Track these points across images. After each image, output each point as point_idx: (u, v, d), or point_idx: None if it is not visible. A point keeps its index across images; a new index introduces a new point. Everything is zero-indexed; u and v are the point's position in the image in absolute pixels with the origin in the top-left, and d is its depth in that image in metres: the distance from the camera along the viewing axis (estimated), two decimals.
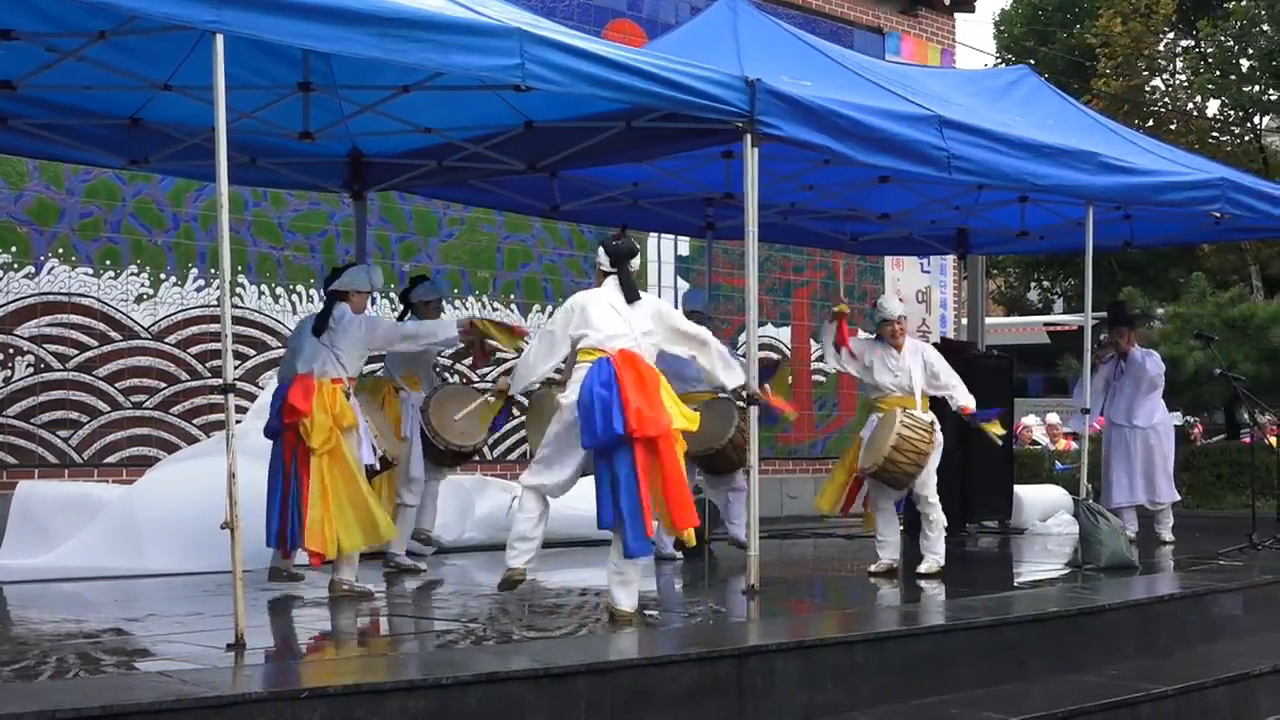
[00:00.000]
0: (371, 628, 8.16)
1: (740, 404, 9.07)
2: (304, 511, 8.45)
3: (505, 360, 11.58)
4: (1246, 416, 14.38)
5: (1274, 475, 14.40)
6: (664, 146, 9.69)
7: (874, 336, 10.31)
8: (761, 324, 15.77)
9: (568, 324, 7.87)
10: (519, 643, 7.23)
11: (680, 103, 8.18)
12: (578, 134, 9.69)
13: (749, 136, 8.47)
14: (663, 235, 15.38)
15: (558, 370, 8.06)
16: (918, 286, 18.35)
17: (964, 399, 10.12)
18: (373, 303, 10.65)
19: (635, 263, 8.01)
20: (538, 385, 8.40)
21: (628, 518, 7.45)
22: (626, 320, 7.76)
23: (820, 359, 14.92)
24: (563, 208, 11.72)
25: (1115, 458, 12.49)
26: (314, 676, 6.26)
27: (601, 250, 8.02)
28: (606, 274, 7.96)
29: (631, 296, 7.85)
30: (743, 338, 10.50)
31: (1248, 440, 14.09)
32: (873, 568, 10.33)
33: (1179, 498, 12.75)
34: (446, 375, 12.64)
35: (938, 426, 10.03)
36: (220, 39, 6.46)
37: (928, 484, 10.05)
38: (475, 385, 13.02)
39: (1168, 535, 12.50)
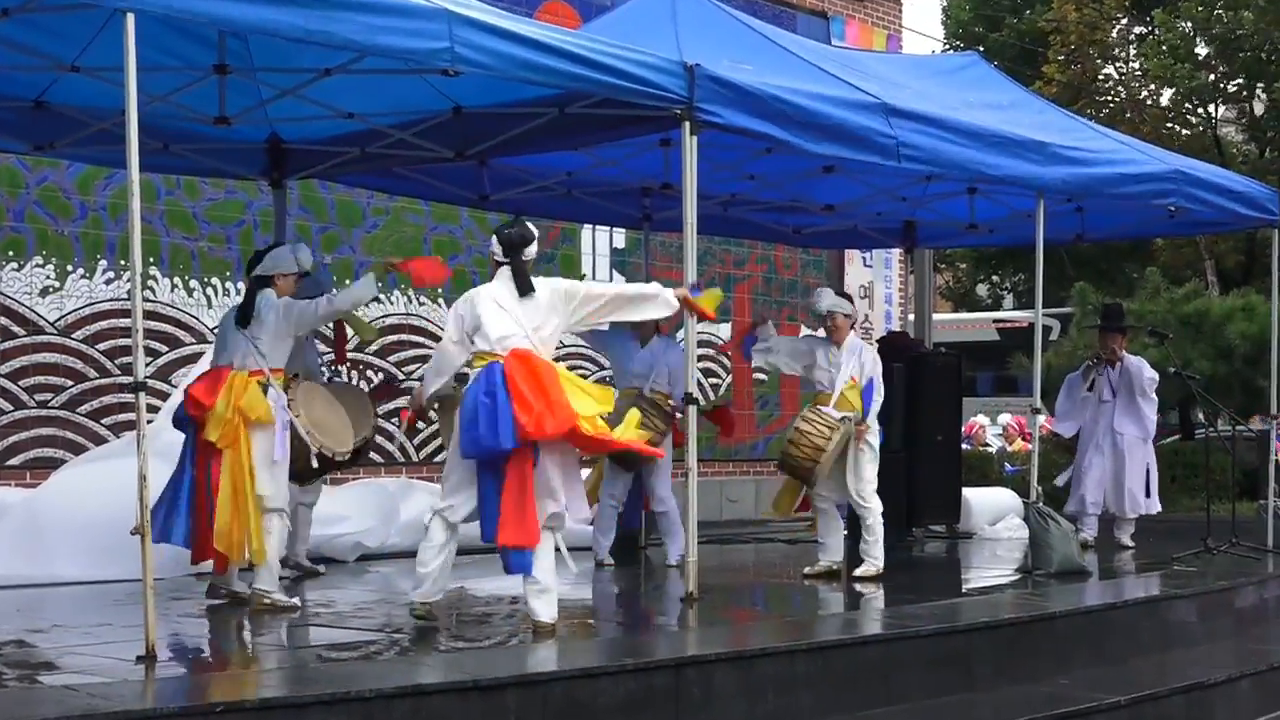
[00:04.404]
0: (291, 639, 8.12)
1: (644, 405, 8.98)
2: (210, 512, 8.41)
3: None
4: (1202, 417, 14.53)
5: (1229, 477, 14.56)
6: (599, 134, 9.67)
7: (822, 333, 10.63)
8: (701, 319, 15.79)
9: (460, 327, 7.85)
10: (446, 654, 7.22)
11: (615, 88, 8.18)
12: (508, 120, 9.66)
13: (687, 124, 8.47)
14: (597, 227, 15.37)
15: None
16: (860, 281, 18.43)
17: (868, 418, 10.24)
18: None
19: (531, 251, 7.90)
20: (448, 389, 8.32)
21: None
22: (515, 318, 7.70)
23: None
24: (493, 198, 11.70)
25: (1089, 465, 12.63)
26: (229, 690, 6.22)
27: (494, 239, 7.96)
28: (500, 264, 7.90)
29: (524, 289, 7.77)
30: (680, 334, 10.52)
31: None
32: (808, 569, 10.56)
33: (1159, 508, 12.90)
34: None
35: (844, 424, 10.14)
36: (131, 17, 6.41)
37: (863, 486, 10.21)
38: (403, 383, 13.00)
39: (1127, 540, 12.65)
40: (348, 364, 13.33)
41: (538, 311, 7.75)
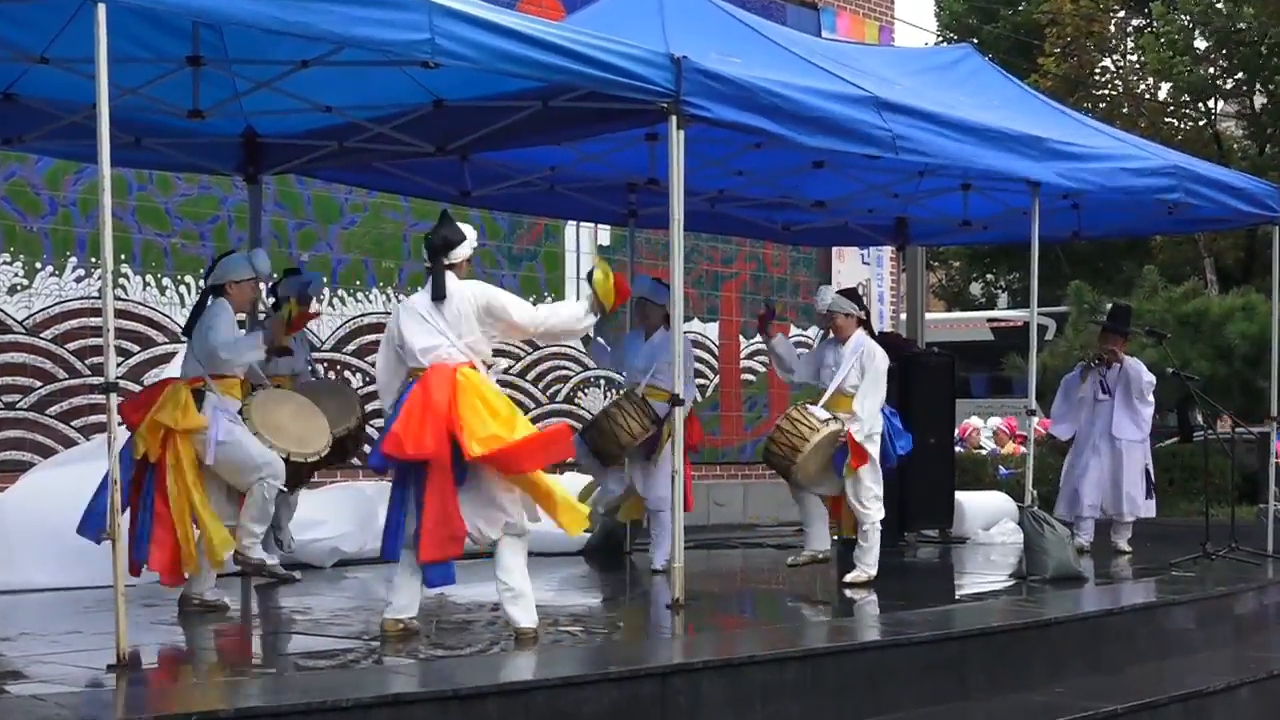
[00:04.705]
0: (266, 647, 8.10)
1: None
2: (151, 525, 8.48)
3: None
4: (1200, 418, 14.56)
5: (1228, 481, 14.58)
6: (583, 128, 9.67)
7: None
8: (687, 319, 15.78)
9: (390, 345, 7.86)
10: (425, 662, 7.21)
11: (600, 81, 8.18)
12: (490, 114, 9.66)
13: (674, 118, 8.46)
14: (581, 223, 15.37)
15: None
16: (858, 279, 18.43)
17: (853, 426, 10.19)
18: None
19: (458, 253, 7.82)
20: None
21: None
22: (438, 327, 7.66)
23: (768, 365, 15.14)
24: (474, 193, 11.69)
25: (1085, 467, 12.65)
26: (203, 699, 6.21)
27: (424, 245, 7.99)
28: (429, 270, 7.89)
29: (436, 294, 7.68)
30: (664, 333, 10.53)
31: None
32: (791, 559, 10.62)
33: (1153, 513, 12.94)
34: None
35: (829, 425, 10.14)
36: (102, 7, 6.40)
37: (860, 492, 10.20)
38: None
39: (1124, 545, 12.68)
40: (322, 362, 13.33)
41: (458, 318, 7.68)
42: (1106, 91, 31.03)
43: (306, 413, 9.48)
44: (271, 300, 10.44)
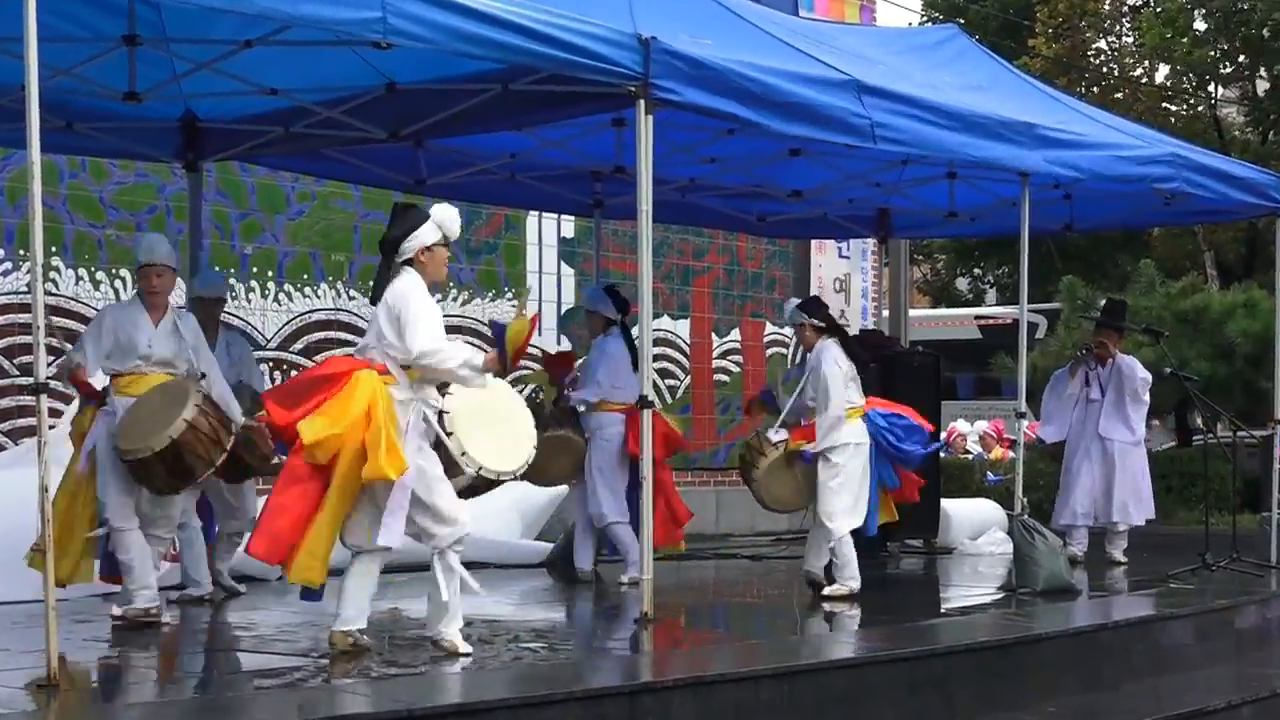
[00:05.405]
0: (209, 664, 8.08)
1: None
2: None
3: None
4: (1200, 421, 14.64)
5: (1229, 487, 14.65)
6: (546, 113, 9.68)
7: None
8: (657, 316, 15.81)
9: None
10: (378, 681, 7.19)
11: (563, 63, 8.18)
12: (447, 97, 9.66)
13: (642, 102, 8.47)
14: (544, 214, 15.36)
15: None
16: (836, 274, 18.47)
17: (816, 436, 10.22)
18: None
19: (410, 246, 7.66)
20: None
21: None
22: (372, 326, 7.75)
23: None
24: (430, 182, 11.68)
25: (1077, 472, 12.70)
26: None
27: None
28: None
29: (373, 298, 7.73)
30: (635, 330, 10.54)
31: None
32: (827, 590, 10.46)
33: (1153, 515, 13.00)
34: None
35: (780, 447, 10.30)
36: None
37: (820, 504, 10.20)
38: None
39: (1119, 555, 12.73)
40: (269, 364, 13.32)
41: (377, 320, 7.68)
42: (1104, 74, 31.12)
43: (173, 402, 8.60)
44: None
